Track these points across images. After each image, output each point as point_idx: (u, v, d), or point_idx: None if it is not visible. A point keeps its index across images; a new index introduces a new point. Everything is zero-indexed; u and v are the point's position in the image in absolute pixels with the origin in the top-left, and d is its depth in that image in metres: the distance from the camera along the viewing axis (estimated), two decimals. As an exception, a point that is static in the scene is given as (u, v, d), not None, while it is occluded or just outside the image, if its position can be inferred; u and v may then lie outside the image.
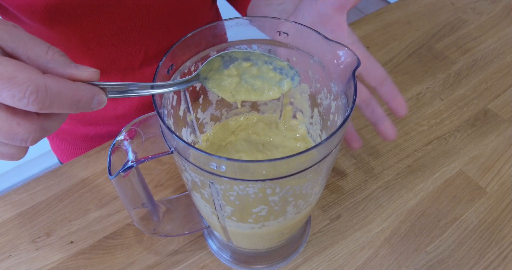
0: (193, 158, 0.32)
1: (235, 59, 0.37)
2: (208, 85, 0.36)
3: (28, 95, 0.25)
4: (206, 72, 0.36)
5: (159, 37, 0.58)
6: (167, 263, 0.49)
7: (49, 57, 0.27)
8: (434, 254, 0.50)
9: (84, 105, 0.28)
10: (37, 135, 0.28)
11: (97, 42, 0.54)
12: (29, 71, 0.25)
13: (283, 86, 0.38)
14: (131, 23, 0.53)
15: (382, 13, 0.79)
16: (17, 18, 0.51)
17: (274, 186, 0.33)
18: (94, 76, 0.29)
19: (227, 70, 0.37)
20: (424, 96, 0.66)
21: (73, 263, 0.49)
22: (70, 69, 0.28)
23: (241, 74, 0.37)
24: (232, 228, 0.41)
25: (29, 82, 0.25)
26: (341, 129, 0.31)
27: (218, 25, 0.38)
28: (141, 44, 0.57)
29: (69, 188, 0.55)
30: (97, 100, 0.29)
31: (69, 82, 0.27)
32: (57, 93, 0.26)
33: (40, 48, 0.27)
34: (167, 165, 0.57)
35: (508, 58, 0.71)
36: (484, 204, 0.54)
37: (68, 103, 0.27)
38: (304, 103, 0.44)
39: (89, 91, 0.28)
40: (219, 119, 0.47)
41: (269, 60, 0.37)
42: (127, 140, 0.35)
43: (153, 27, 0.56)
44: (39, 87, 0.25)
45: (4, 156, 0.29)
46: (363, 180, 0.56)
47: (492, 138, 0.61)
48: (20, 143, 0.27)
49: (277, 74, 0.38)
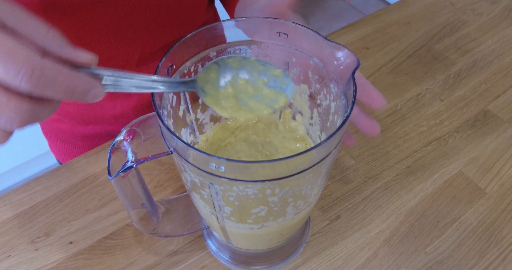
0: (193, 158, 0.32)
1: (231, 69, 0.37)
2: (206, 99, 0.36)
3: (22, 73, 0.24)
4: (203, 82, 0.36)
5: (155, 35, 0.58)
6: (167, 263, 0.49)
7: (49, 37, 0.27)
8: (433, 255, 0.50)
9: (79, 94, 0.27)
10: (26, 118, 0.26)
11: (92, 39, 0.54)
12: (30, 50, 0.25)
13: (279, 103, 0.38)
14: (127, 20, 0.53)
15: (381, 14, 0.79)
16: None
17: (273, 186, 0.33)
18: (92, 60, 0.28)
19: (224, 90, 0.37)
20: (424, 97, 0.66)
21: (72, 263, 0.49)
22: (69, 51, 0.27)
23: (237, 93, 0.37)
24: (232, 229, 0.41)
25: (27, 60, 0.24)
26: (340, 129, 0.31)
27: (218, 25, 0.38)
28: (137, 42, 0.57)
29: (69, 188, 0.55)
30: (94, 92, 0.28)
31: (67, 69, 0.26)
32: (52, 77, 0.25)
33: (41, 28, 0.27)
34: (167, 166, 0.57)
35: (508, 59, 0.71)
36: (484, 205, 0.54)
37: (62, 89, 0.26)
38: (304, 104, 0.44)
39: (87, 82, 0.27)
40: (218, 119, 0.47)
41: (264, 70, 0.37)
42: (126, 140, 0.35)
43: (150, 25, 0.56)
44: (35, 67, 0.24)
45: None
46: (362, 181, 0.56)
47: (491, 139, 0.61)
48: (5, 122, 0.26)
49: (271, 91, 0.38)
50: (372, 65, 0.70)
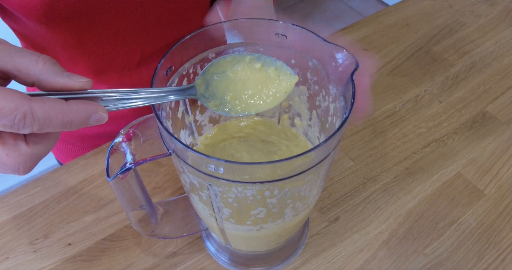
0: (191, 160, 0.32)
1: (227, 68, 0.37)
2: (209, 105, 0.36)
3: (17, 122, 0.26)
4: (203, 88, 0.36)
5: (156, 36, 0.58)
6: (165, 265, 0.49)
7: (40, 67, 0.27)
8: (432, 257, 0.50)
9: (78, 124, 0.28)
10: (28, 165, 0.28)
11: (93, 41, 0.54)
12: (14, 98, 0.25)
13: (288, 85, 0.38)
14: (127, 22, 0.53)
15: (380, 15, 0.79)
16: (16, 17, 0.51)
17: (272, 188, 0.33)
18: (87, 85, 0.29)
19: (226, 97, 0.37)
20: (423, 98, 0.66)
21: (70, 265, 0.49)
22: (63, 79, 0.28)
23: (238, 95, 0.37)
24: (230, 230, 0.41)
25: (15, 111, 0.25)
26: (339, 131, 0.31)
27: (217, 27, 0.38)
28: (138, 44, 0.57)
29: (67, 190, 0.55)
30: (95, 118, 0.29)
31: (59, 103, 0.27)
32: (44, 118, 0.26)
33: (29, 60, 0.27)
34: (166, 167, 0.57)
35: (506, 61, 0.71)
36: (482, 206, 0.54)
37: (58, 125, 0.27)
38: (303, 105, 0.44)
39: (84, 110, 0.28)
40: (217, 121, 0.47)
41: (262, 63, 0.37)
42: (125, 142, 0.35)
43: (150, 26, 0.56)
44: (26, 114, 0.26)
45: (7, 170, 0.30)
46: (361, 183, 0.56)
47: (490, 141, 0.61)
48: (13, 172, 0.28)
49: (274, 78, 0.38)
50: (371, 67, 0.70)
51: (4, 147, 0.27)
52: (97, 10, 0.50)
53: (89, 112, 0.28)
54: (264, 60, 0.37)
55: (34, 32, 0.52)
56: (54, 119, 0.27)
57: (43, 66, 0.28)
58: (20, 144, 0.28)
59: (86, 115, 0.28)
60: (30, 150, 0.28)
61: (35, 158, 0.29)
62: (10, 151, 0.27)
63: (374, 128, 0.62)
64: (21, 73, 0.27)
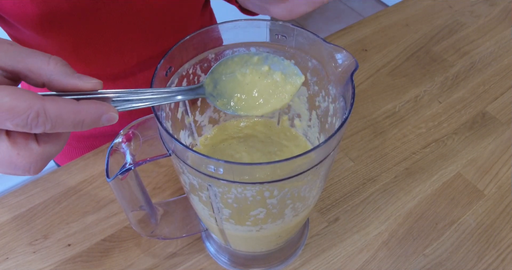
0: (191, 160, 0.32)
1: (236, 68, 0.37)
2: (217, 103, 0.36)
3: (30, 121, 0.25)
4: (210, 87, 0.36)
5: (151, 43, 0.58)
6: (165, 266, 0.49)
7: (51, 68, 0.28)
8: (432, 257, 0.50)
9: (89, 124, 0.28)
10: (39, 165, 0.28)
11: (89, 49, 0.54)
12: (27, 98, 0.25)
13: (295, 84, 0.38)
14: (123, 29, 0.53)
15: (380, 16, 0.79)
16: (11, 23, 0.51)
17: (272, 188, 0.33)
18: (97, 86, 0.29)
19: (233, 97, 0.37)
20: (422, 99, 0.66)
21: (70, 265, 0.49)
22: (73, 80, 0.28)
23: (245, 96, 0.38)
24: (230, 231, 0.41)
25: (29, 110, 0.25)
26: (339, 131, 0.31)
27: (216, 28, 0.38)
28: (134, 51, 0.57)
29: (67, 191, 0.55)
30: (106, 118, 0.29)
31: (70, 103, 0.27)
32: (57, 116, 0.26)
33: (40, 60, 0.27)
34: (165, 168, 0.57)
35: (506, 61, 0.71)
36: (482, 207, 0.54)
37: (70, 124, 0.27)
38: (302, 106, 0.44)
39: (95, 110, 0.28)
40: (217, 121, 0.47)
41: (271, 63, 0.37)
42: (125, 142, 0.35)
43: (145, 34, 0.56)
44: (39, 113, 0.25)
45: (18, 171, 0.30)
46: (361, 183, 0.56)
47: (490, 141, 0.61)
48: (23, 173, 0.28)
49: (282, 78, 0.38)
50: (371, 67, 0.70)
51: (15, 146, 0.27)
52: (92, 17, 0.50)
53: (100, 112, 0.28)
54: (271, 60, 0.37)
55: (30, 38, 0.52)
56: (66, 119, 0.27)
57: (54, 67, 0.28)
58: (31, 143, 0.28)
59: (97, 115, 0.28)
60: (41, 149, 0.28)
61: (46, 158, 0.29)
62: (21, 151, 0.27)
63: (374, 129, 0.62)
64: (33, 73, 0.27)
